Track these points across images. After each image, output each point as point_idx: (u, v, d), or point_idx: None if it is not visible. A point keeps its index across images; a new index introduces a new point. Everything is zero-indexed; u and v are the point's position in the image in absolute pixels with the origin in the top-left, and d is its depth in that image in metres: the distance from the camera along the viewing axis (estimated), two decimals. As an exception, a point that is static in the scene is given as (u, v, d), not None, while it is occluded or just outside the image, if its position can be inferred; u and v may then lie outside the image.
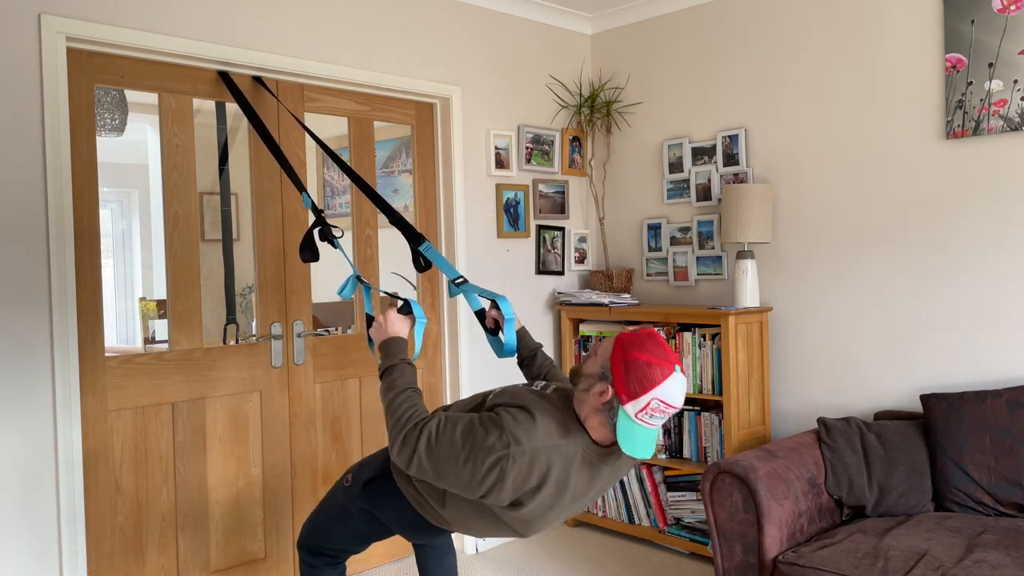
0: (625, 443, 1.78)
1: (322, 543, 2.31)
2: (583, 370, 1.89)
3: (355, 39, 3.41)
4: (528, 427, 1.82)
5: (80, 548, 2.68)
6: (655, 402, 1.76)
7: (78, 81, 2.75)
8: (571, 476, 1.85)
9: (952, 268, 3.15)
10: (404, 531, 2.19)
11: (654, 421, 1.79)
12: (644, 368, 1.77)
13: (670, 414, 1.80)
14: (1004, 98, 2.98)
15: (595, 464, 1.88)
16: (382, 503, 2.16)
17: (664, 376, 1.77)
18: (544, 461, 1.81)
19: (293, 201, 3.30)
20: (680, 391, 1.80)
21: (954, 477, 2.81)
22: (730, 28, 3.79)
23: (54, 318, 2.62)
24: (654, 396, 1.76)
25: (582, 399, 1.88)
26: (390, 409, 1.96)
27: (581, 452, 1.86)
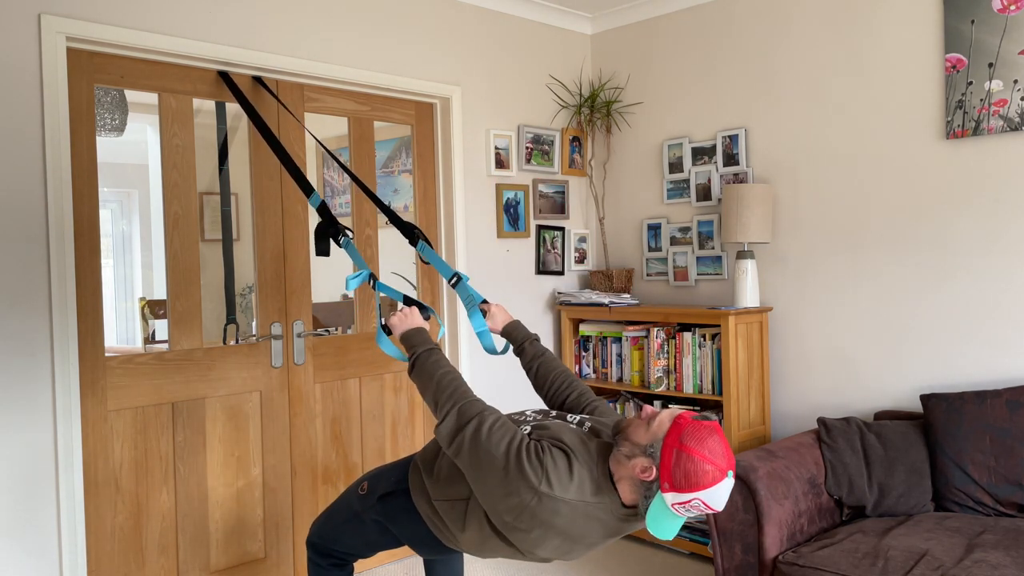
0: (652, 526, 1.73)
1: (331, 545, 2.31)
2: (630, 434, 1.80)
3: (355, 39, 3.41)
4: (564, 477, 1.76)
5: (80, 548, 2.68)
6: (697, 502, 1.69)
7: (78, 81, 2.75)
8: (589, 531, 1.81)
9: (952, 268, 3.15)
10: (416, 546, 2.17)
11: (688, 514, 1.73)
12: (698, 467, 1.67)
13: (704, 512, 1.73)
14: (1004, 98, 2.98)
15: (611, 526, 1.85)
16: (398, 518, 2.14)
17: (715, 481, 1.68)
18: (568, 513, 1.76)
19: (293, 201, 3.30)
20: (726, 496, 1.72)
21: (954, 477, 2.81)
22: (730, 28, 3.79)
23: (54, 318, 2.62)
24: (698, 497, 1.68)
25: (621, 463, 1.79)
26: (440, 385, 1.91)
27: (606, 516, 1.81)
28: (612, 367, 3.94)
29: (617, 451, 1.80)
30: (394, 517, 2.15)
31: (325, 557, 2.34)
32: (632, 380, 3.85)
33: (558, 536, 1.79)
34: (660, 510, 1.71)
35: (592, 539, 1.84)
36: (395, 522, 2.15)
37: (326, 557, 2.34)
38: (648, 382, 3.76)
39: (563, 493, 1.75)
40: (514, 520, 1.79)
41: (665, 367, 3.69)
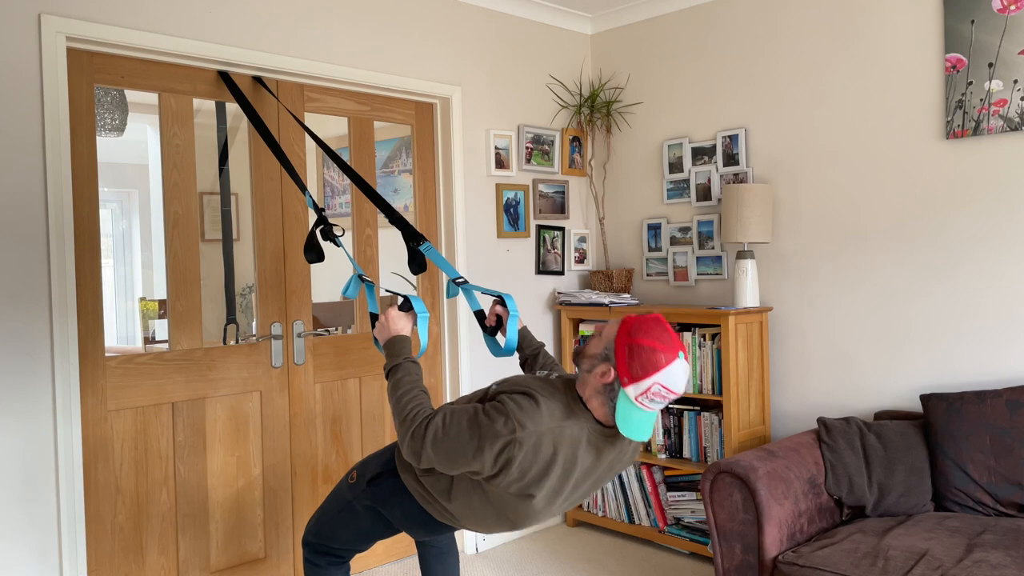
0: (623, 425, 1.81)
1: (327, 541, 2.31)
2: (586, 351, 1.91)
3: (355, 39, 3.41)
4: (532, 411, 1.83)
5: (80, 548, 2.68)
6: (656, 387, 1.79)
7: (78, 81, 2.75)
8: (577, 457, 1.86)
9: (952, 268, 3.15)
10: (410, 528, 2.18)
11: (654, 405, 1.82)
12: (648, 353, 1.79)
13: (670, 399, 1.83)
14: (1004, 98, 2.98)
15: (600, 446, 1.91)
16: (387, 500, 2.16)
17: (668, 362, 1.79)
18: (550, 443, 1.83)
19: (293, 201, 3.30)
20: (683, 377, 1.82)
21: (954, 477, 2.81)
22: (730, 28, 3.79)
23: (54, 318, 2.62)
24: (656, 381, 1.79)
25: (585, 380, 1.90)
26: (397, 408, 1.97)
27: (586, 433, 1.88)
28: (612, 367, 3.93)
29: (580, 372, 1.91)
30: (384, 499, 2.16)
31: (322, 555, 2.34)
32: (632, 380, 3.84)
33: (551, 472, 1.82)
34: (626, 407, 1.80)
35: (585, 467, 1.88)
36: (386, 504, 2.17)
37: (323, 555, 2.34)
38: (648, 382, 3.75)
39: (536, 426, 1.81)
40: (507, 479, 1.82)
41: (665, 367, 3.68)
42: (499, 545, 3.88)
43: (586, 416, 1.89)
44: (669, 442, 3.71)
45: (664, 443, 3.72)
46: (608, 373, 1.83)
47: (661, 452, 3.73)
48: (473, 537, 3.79)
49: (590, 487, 2.01)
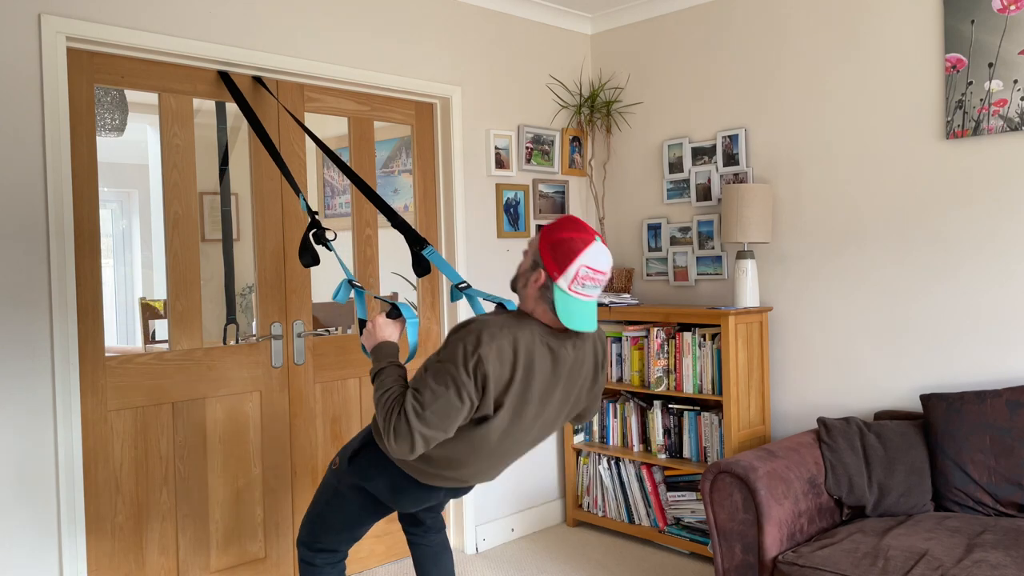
0: (565, 317, 1.93)
1: (320, 536, 2.33)
2: (520, 271, 2.06)
3: (355, 39, 3.41)
4: (486, 332, 1.92)
5: (80, 548, 2.68)
6: (582, 270, 1.93)
7: (78, 81, 2.75)
8: (535, 359, 1.96)
9: (952, 268, 3.15)
10: (397, 498, 2.19)
11: (587, 291, 1.95)
12: (567, 243, 1.94)
13: (600, 281, 1.96)
14: (1004, 98, 2.98)
15: (554, 348, 2.00)
16: (370, 473, 2.18)
17: (585, 245, 1.94)
18: (509, 347, 1.92)
19: (293, 201, 3.30)
20: (603, 257, 1.96)
21: (954, 477, 2.81)
22: (730, 28, 3.79)
23: (54, 318, 2.62)
24: (580, 264, 1.92)
25: (525, 296, 2.03)
26: (378, 407, 1.98)
27: (538, 336, 1.98)
28: (612, 367, 3.94)
29: (520, 295, 2.05)
30: (366, 472, 2.18)
31: (317, 553, 2.35)
32: (632, 380, 3.85)
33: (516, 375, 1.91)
34: (563, 299, 1.93)
35: (545, 373, 1.97)
36: (368, 477, 2.18)
37: (318, 553, 2.35)
38: (648, 382, 3.76)
39: (493, 339, 1.91)
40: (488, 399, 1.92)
41: (665, 367, 3.69)
42: (499, 545, 3.88)
43: (535, 322, 2.00)
44: (669, 442, 3.71)
45: (664, 443, 3.72)
46: (540, 276, 1.97)
47: (661, 452, 3.73)
48: (473, 537, 3.79)
49: (558, 405, 2.06)
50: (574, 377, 2.08)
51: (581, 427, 2.23)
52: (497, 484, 3.92)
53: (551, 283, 1.95)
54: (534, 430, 2.07)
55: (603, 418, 4.02)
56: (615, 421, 3.96)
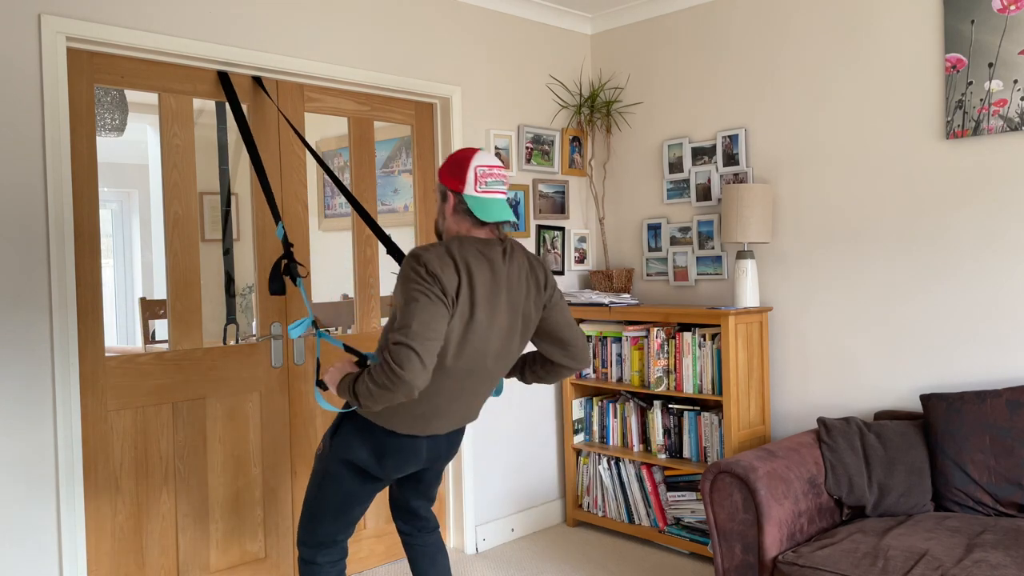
0: (482, 213, 2.14)
1: (316, 525, 2.34)
2: (436, 217, 2.28)
3: (355, 39, 3.41)
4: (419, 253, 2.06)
5: (80, 548, 2.68)
6: (479, 169, 2.16)
7: (78, 81, 2.75)
8: (470, 260, 2.10)
9: (952, 268, 3.15)
10: (383, 463, 2.22)
11: (493, 187, 2.17)
12: (457, 160, 2.18)
13: (500, 176, 2.18)
14: (1004, 98, 2.98)
15: (486, 253, 2.15)
16: (353, 444, 2.22)
17: (472, 153, 2.18)
18: (444, 251, 2.08)
19: (293, 201, 3.30)
20: (492, 157, 2.20)
21: (954, 477, 2.81)
22: (730, 28, 3.79)
23: (54, 318, 2.62)
24: (474, 167, 2.15)
25: (447, 227, 2.23)
26: (373, 377, 1.98)
27: (467, 244, 2.13)
28: (612, 367, 3.94)
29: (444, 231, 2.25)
30: (350, 444, 2.23)
31: (317, 550, 2.35)
32: (632, 380, 3.85)
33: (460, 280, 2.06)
34: (475, 201, 2.15)
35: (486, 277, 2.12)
36: (352, 448, 2.22)
37: (318, 549, 2.35)
38: (648, 382, 3.76)
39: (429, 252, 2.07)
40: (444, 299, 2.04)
41: (665, 367, 3.69)
42: (499, 545, 3.88)
43: (462, 239, 2.16)
44: (669, 442, 3.71)
45: (664, 443, 3.72)
46: (450, 199, 2.19)
47: (661, 452, 3.73)
48: (473, 537, 3.79)
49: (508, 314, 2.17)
50: (515, 286, 2.19)
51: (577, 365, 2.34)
52: (497, 484, 3.92)
53: (461, 196, 2.16)
54: (491, 341, 2.15)
55: (603, 418, 4.02)
56: (615, 421, 3.96)
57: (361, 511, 2.37)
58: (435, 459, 2.34)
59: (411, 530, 2.56)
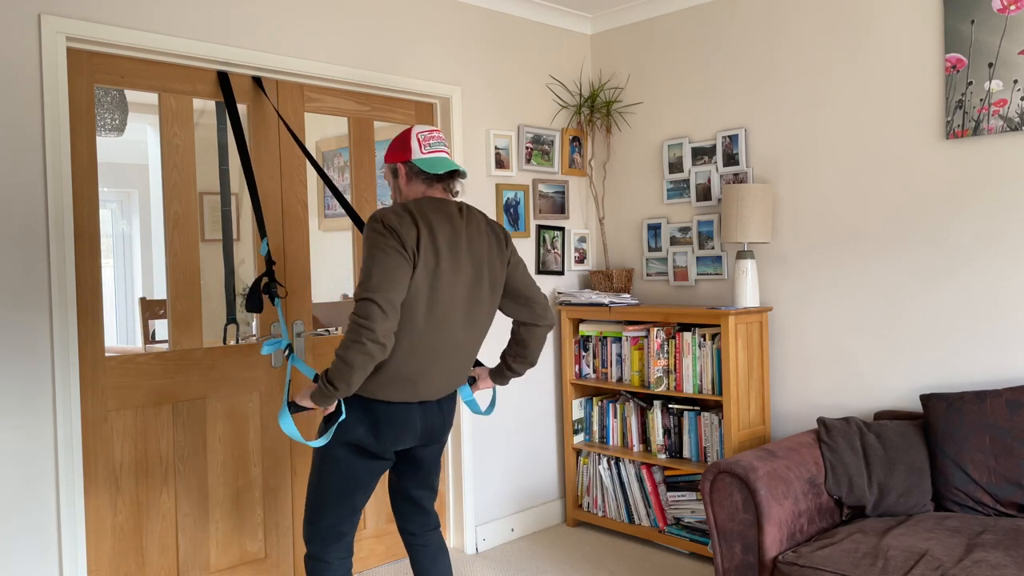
0: (432, 167, 2.29)
1: (319, 517, 2.35)
2: (392, 197, 2.44)
3: (355, 39, 3.41)
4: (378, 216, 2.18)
5: (80, 548, 2.68)
6: (420, 135, 2.33)
7: (78, 81, 2.75)
8: (428, 212, 2.23)
9: (952, 268, 3.15)
10: (380, 436, 2.26)
11: (436, 147, 2.34)
12: (398, 139, 2.36)
13: (439, 137, 2.35)
14: (1004, 98, 2.98)
15: (442, 208, 2.27)
16: (346, 424, 2.27)
17: (409, 129, 2.36)
18: (402, 209, 2.21)
19: (293, 201, 3.30)
20: (427, 125, 2.43)
21: (954, 477, 2.81)
22: (730, 28, 3.79)
23: (54, 318, 2.62)
24: (415, 135, 2.32)
25: (404, 196, 2.37)
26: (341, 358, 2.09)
27: (422, 204, 2.26)
28: (612, 367, 3.94)
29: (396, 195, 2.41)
30: (344, 425, 2.27)
31: (320, 543, 2.36)
32: (632, 380, 3.85)
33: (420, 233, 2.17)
34: (425, 161, 2.31)
35: (446, 232, 2.23)
36: (348, 428, 2.26)
37: (321, 542, 2.36)
38: (648, 382, 3.76)
39: (389, 211, 2.20)
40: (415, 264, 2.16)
41: (665, 367, 3.69)
42: (499, 545, 3.88)
43: (418, 199, 2.30)
44: (669, 442, 3.71)
45: (664, 443, 3.72)
46: (401, 171, 2.35)
47: (661, 452, 3.73)
48: (473, 537, 3.79)
49: (472, 267, 2.27)
50: (475, 236, 2.30)
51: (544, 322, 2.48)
52: (497, 484, 3.92)
53: (410, 163, 2.32)
54: (458, 289, 2.24)
55: (603, 418, 4.02)
56: (615, 421, 3.96)
57: (363, 498, 2.37)
58: (430, 432, 2.37)
59: (414, 528, 2.56)
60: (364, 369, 2.08)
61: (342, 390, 2.12)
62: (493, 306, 2.39)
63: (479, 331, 2.36)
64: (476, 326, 2.33)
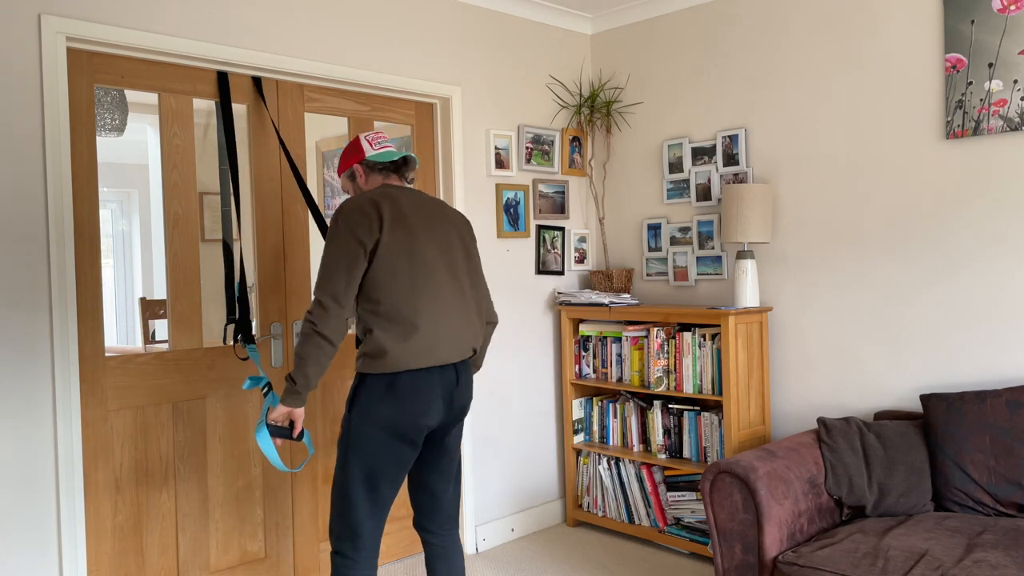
0: (385, 156, 2.52)
1: (347, 511, 2.35)
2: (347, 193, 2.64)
3: (355, 39, 3.41)
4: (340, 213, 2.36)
5: (80, 548, 2.68)
6: (367, 137, 2.55)
7: (78, 81, 2.75)
8: (389, 190, 2.43)
9: (952, 268, 3.15)
10: (405, 411, 2.31)
11: (384, 145, 2.55)
12: (348, 148, 2.58)
13: (384, 136, 2.57)
14: (1004, 98, 2.98)
15: (404, 189, 2.48)
16: (371, 402, 2.32)
17: (357, 136, 2.62)
18: (363, 195, 2.39)
19: (293, 201, 3.30)
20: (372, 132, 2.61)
21: (954, 477, 2.81)
22: (730, 28, 3.79)
23: (54, 318, 2.62)
24: (362, 139, 2.55)
25: (359, 189, 2.58)
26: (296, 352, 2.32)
27: (385, 187, 2.46)
28: (612, 367, 3.94)
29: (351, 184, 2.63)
30: (368, 406, 2.33)
31: (347, 540, 2.36)
32: (632, 380, 3.85)
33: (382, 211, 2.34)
34: (377, 156, 2.53)
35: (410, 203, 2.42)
36: (372, 408, 2.32)
37: (348, 539, 2.35)
38: (648, 382, 3.76)
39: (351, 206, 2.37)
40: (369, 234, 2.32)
41: (665, 367, 3.69)
42: (499, 545, 3.88)
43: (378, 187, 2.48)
44: (669, 442, 3.71)
45: (664, 443, 3.72)
46: (359, 172, 2.55)
47: (661, 452, 3.73)
48: (473, 537, 3.79)
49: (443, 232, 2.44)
50: (436, 212, 2.48)
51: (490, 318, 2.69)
52: (497, 484, 3.92)
53: (365, 160, 2.53)
54: (430, 248, 2.38)
55: (603, 418, 4.02)
56: (615, 421, 3.97)
57: (389, 490, 2.37)
58: (451, 402, 2.41)
59: (432, 527, 2.56)
60: (316, 362, 2.30)
61: (300, 382, 2.33)
62: (473, 267, 2.54)
63: (469, 288, 2.49)
64: (461, 282, 2.46)
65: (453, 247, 2.47)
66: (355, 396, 2.36)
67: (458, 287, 2.43)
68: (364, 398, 2.33)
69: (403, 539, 3.68)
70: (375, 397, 2.31)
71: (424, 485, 2.54)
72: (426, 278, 2.35)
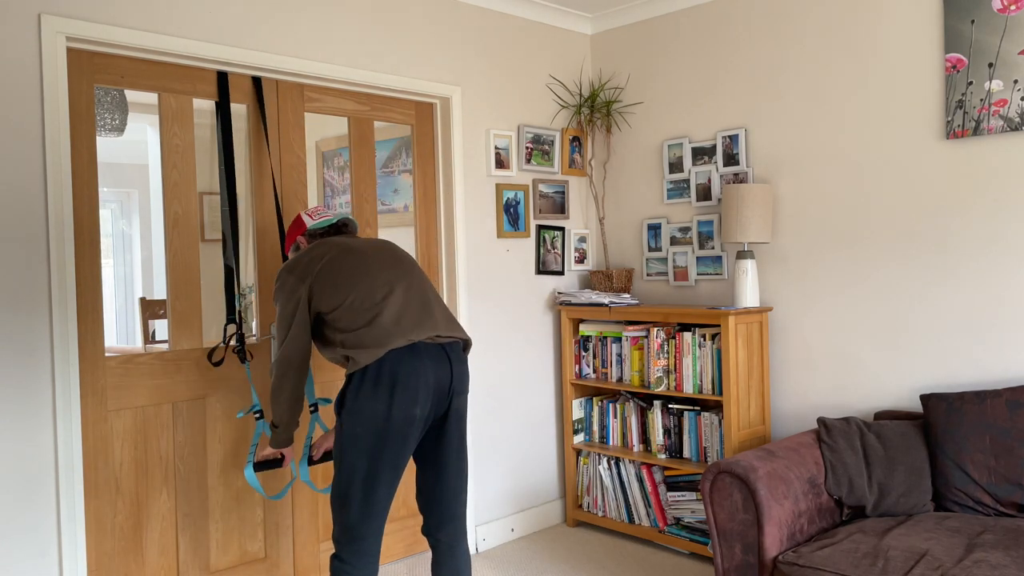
0: (327, 222, 2.75)
1: (344, 514, 2.35)
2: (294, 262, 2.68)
3: (355, 39, 3.41)
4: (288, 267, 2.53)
5: (80, 548, 2.68)
6: (308, 212, 2.78)
7: (78, 81, 2.75)
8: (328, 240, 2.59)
9: (952, 268, 3.15)
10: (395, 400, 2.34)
11: (322, 215, 2.77)
12: (292, 224, 2.80)
13: (322, 208, 2.80)
14: (1004, 98, 2.98)
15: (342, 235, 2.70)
16: (361, 396, 2.34)
17: (298, 214, 2.85)
18: (307, 251, 2.55)
19: (293, 201, 3.30)
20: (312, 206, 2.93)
21: (954, 477, 2.81)
22: (730, 28, 3.79)
23: (54, 318, 2.62)
24: (303, 213, 2.78)
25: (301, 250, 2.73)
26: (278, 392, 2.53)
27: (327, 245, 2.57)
28: (612, 367, 3.94)
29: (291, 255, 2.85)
30: (360, 407, 2.35)
31: (346, 544, 2.35)
32: (632, 380, 3.85)
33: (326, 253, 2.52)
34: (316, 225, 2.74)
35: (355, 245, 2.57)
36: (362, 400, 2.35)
37: (347, 543, 2.35)
38: (648, 382, 3.76)
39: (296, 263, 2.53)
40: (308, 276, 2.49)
41: (665, 367, 3.69)
42: (499, 545, 3.88)
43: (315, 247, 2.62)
44: (669, 442, 3.71)
45: (664, 443, 3.72)
46: (300, 242, 2.78)
47: (661, 452, 3.73)
48: (473, 537, 3.79)
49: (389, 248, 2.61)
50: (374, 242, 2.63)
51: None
52: (497, 484, 3.92)
53: (307, 233, 2.74)
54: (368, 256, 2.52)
55: (603, 418, 4.02)
56: (615, 421, 3.97)
57: (385, 493, 2.36)
58: (442, 382, 2.42)
59: (439, 535, 2.55)
60: (287, 389, 2.51)
61: (277, 416, 2.54)
62: (420, 271, 2.65)
63: (420, 278, 2.59)
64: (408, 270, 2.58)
65: (396, 257, 2.60)
66: (343, 398, 2.38)
67: (405, 271, 2.56)
68: (351, 397, 2.35)
69: (404, 538, 3.68)
70: (363, 393, 2.33)
71: (429, 490, 2.54)
72: (367, 268, 2.49)
